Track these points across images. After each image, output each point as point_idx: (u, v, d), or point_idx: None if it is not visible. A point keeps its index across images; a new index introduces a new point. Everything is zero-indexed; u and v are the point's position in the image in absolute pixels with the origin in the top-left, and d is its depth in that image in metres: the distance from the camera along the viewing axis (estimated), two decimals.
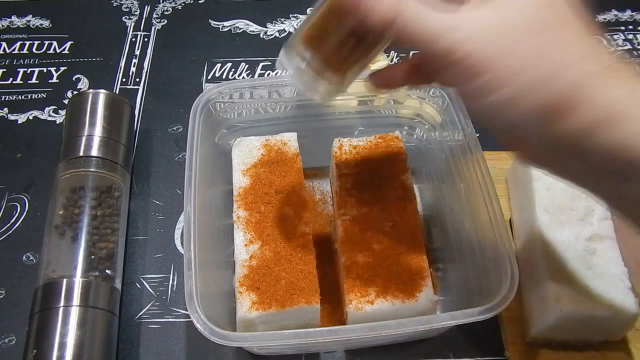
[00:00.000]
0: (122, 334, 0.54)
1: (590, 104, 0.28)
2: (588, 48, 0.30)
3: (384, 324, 0.42)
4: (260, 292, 0.47)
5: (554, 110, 0.29)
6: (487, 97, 0.31)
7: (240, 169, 0.55)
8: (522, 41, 0.30)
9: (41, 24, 0.81)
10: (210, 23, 0.83)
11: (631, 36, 0.81)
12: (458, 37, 0.30)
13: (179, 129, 0.70)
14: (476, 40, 0.30)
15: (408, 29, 0.31)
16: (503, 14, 0.30)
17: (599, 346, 0.51)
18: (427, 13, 0.31)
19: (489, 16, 0.30)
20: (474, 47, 0.30)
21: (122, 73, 0.76)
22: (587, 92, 0.28)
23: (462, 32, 0.30)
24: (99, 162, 0.59)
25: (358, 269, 0.49)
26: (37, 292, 0.51)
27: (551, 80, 0.29)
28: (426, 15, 0.31)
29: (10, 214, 0.62)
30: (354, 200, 0.53)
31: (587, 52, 0.30)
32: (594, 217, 0.50)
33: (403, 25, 0.31)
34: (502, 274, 0.44)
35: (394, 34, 0.32)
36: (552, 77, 0.29)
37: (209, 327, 0.41)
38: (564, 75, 0.29)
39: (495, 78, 0.30)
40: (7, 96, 0.73)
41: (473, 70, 0.30)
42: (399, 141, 0.57)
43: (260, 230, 0.51)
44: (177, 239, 0.61)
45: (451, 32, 0.31)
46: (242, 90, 0.56)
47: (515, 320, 0.53)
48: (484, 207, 0.48)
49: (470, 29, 0.30)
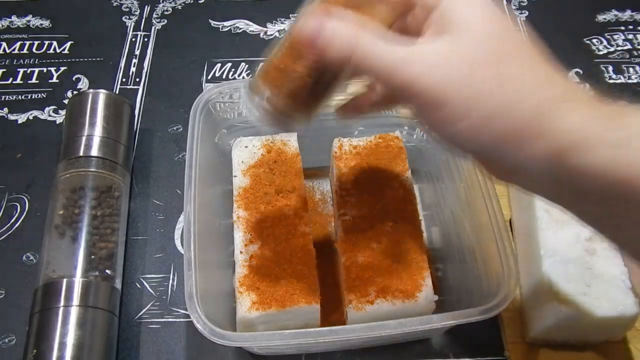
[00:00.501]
0: (122, 334, 0.54)
1: (551, 131, 0.28)
2: (543, 76, 0.30)
3: (384, 324, 0.42)
4: (260, 292, 0.47)
5: (518, 138, 0.29)
6: (449, 127, 0.31)
7: (240, 169, 0.55)
8: (478, 73, 0.30)
9: (41, 24, 0.81)
10: (210, 23, 0.83)
11: (631, 36, 0.81)
12: (414, 71, 0.30)
13: (179, 129, 0.70)
14: (432, 74, 0.30)
15: (365, 63, 0.31)
16: (458, 46, 0.30)
17: (599, 346, 0.51)
18: (383, 47, 0.31)
19: (444, 49, 0.31)
20: (431, 81, 0.30)
21: (122, 73, 0.76)
22: (547, 119, 0.29)
23: (418, 65, 0.30)
24: (99, 162, 0.59)
25: (358, 269, 0.49)
26: (37, 292, 0.51)
27: (510, 109, 0.29)
28: (381, 49, 0.31)
29: (10, 214, 0.62)
30: (354, 200, 0.53)
31: (542, 80, 0.30)
32: None
33: (360, 59, 0.31)
34: (502, 274, 0.44)
35: (352, 67, 0.32)
36: (511, 106, 0.29)
37: (209, 327, 0.41)
38: (522, 104, 0.29)
39: (455, 110, 0.30)
40: (7, 96, 0.73)
41: (432, 103, 0.30)
42: (399, 141, 0.57)
43: (260, 230, 0.51)
44: (177, 239, 0.61)
45: (407, 66, 0.30)
46: (242, 90, 0.56)
47: (515, 320, 0.53)
48: (484, 207, 0.48)
49: (426, 63, 0.30)
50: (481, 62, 0.30)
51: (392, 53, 0.31)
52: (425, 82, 0.30)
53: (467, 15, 0.31)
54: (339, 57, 0.32)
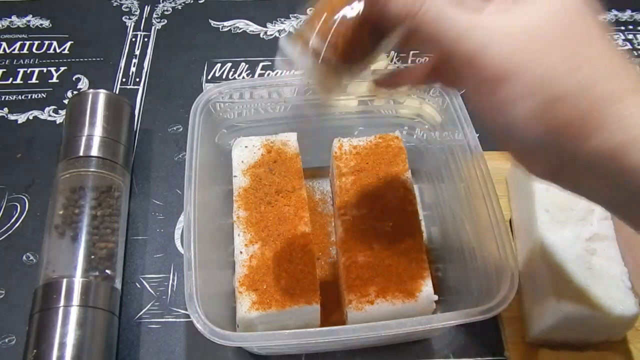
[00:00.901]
0: (122, 334, 0.54)
1: (617, 123, 0.27)
2: (617, 65, 0.28)
3: (384, 324, 0.42)
4: (260, 292, 0.47)
5: (581, 127, 0.27)
6: (508, 108, 0.29)
7: (240, 169, 0.55)
8: (554, 51, 0.28)
9: (41, 24, 0.81)
10: (210, 23, 0.83)
11: (631, 36, 0.82)
12: (481, 40, 0.28)
13: (179, 129, 0.70)
14: (502, 44, 0.28)
15: (431, 25, 0.29)
16: (532, 19, 0.28)
17: (599, 346, 0.51)
18: (451, 12, 0.29)
19: (518, 20, 0.29)
20: (500, 51, 0.28)
21: (122, 73, 0.76)
22: (615, 111, 0.27)
23: (487, 34, 0.28)
24: (99, 162, 0.59)
25: (358, 269, 0.49)
26: (37, 292, 0.51)
27: (580, 95, 0.27)
28: (450, 14, 0.29)
29: (10, 214, 0.62)
30: (354, 200, 0.53)
31: (616, 69, 0.28)
32: (594, 217, 0.50)
33: (426, 19, 0.29)
34: (502, 274, 0.44)
35: (411, 27, 0.30)
36: (581, 91, 0.27)
37: (209, 327, 0.41)
38: (593, 91, 0.27)
39: (519, 88, 0.28)
40: (7, 96, 0.73)
41: (496, 77, 0.28)
42: (399, 141, 0.57)
43: (260, 230, 0.51)
44: (177, 239, 0.61)
45: (475, 33, 0.28)
46: (242, 90, 0.56)
47: (515, 320, 0.53)
48: (484, 207, 0.48)
49: (497, 32, 0.28)
50: (557, 39, 0.28)
51: (460, 19, 0.29)
52: (493, 53, 0.28)
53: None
54: (404, 12, 0.30)
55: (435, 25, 0.29)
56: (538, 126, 0.28)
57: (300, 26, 0.36)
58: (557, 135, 0.28)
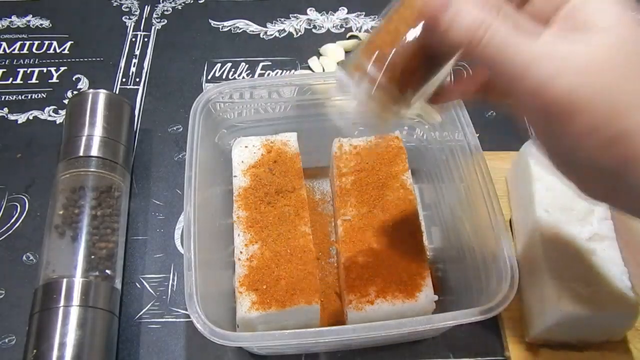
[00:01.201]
0: (122, 334, 0.54)
1: None
2: None
3: (384, 324, 0.42)
4: (260, 292, 0.47)
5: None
6: (574, 141, 0.28)
7: (240, 169, 0.55)
8: (624, 83, 0.27)
9: (41, 24, 0.81)
10: (210, 23, 0.83)
11: None
12: (550, 71, 0.27)
13: (179, 129, 0.70)
14: (572, 75, 0.27)
15: (494, 54, 0.28)
16: (602, 48, 0.27)
17: (599, 346, 0.51)
18: (515, 37, 0.28)
19: (586, 49, 0.27)
20: (569, 85, 0.27)
21: (122, 73, 0.76)
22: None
23: (555, 63, 0.27)
24: (99, 162, 0.59)
25: (358, 269, 0.49)
26: (37, 292, 0.51)
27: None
28: (515, 39, 0.28)
29: (10, 214, 0.62)
30: (354, 200, 0.53)
31: None
32: (594, 217, 0.50)
33: (489, 48, 0.28)
34: (502, 273, 0.44)
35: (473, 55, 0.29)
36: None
37: (209, 327, 0.41)
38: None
39: (589, 122, 0.27)
40: (7, 96, 0.73)
41: (564, 111, 0.27)
42: (399, 141, 0.57)
43: (260, 230, 0.51)
44: (177, 239, 0.61)
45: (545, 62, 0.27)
46: (242, 90, 0.56)
47: (515, 320, 0.53)
48: (484, 207, 0.48)
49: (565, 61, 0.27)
50: (626, 71, 0.27)
51: (524, 49, 0.28)
52: (562, 85, 0.27)
53: (607, 16, 0.28)
54: (464, 40, 0.29)
55: (499, 55, 0.28)
56: (602, 158, 0.28)
57: (355, 54, 0.35)
58: (620, 167, 0.28)
